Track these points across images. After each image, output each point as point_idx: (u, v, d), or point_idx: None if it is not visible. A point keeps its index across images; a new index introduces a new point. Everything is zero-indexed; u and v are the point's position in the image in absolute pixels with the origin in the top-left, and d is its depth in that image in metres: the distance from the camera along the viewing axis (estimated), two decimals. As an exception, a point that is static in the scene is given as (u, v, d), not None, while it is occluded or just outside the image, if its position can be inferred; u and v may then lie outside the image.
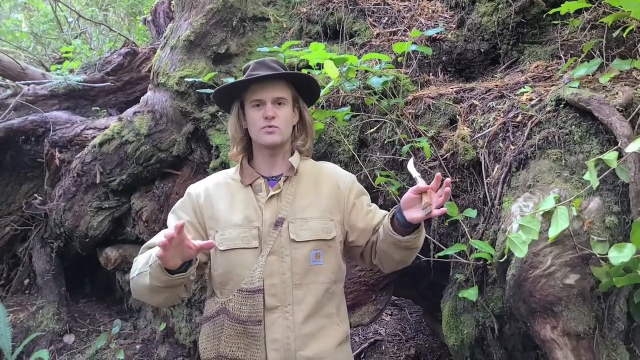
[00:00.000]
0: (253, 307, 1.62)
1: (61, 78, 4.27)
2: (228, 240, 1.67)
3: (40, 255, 4.22)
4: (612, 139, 1.72)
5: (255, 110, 1.71)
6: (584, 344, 1.60)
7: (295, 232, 1.68)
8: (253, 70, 1.73)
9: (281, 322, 1.65)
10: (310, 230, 1.69)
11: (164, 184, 3.58)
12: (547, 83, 2.22)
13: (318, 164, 1.88)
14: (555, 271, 1.60)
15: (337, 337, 1.74)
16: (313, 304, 1.68)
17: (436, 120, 2.40)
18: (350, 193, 1.79)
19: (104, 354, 3.79)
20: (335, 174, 1.83)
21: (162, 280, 1.51)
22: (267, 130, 1.68)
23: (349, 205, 1.78)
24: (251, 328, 1.62)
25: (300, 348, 1.65)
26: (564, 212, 1.58)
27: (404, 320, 4.35)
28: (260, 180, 1.74)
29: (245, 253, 1.66)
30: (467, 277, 2.08)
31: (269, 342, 1.64)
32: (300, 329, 1.66)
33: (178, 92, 3.24)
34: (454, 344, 2.13)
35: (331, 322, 1.73)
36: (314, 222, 1.70)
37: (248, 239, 1.67)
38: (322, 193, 1.76)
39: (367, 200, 1.86)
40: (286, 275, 1.66)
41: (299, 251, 1.67)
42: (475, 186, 2.20)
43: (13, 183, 4.26)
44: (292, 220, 1.69)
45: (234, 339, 1.64)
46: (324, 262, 1.70)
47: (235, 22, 3.34)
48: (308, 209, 1.72)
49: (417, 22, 3.01)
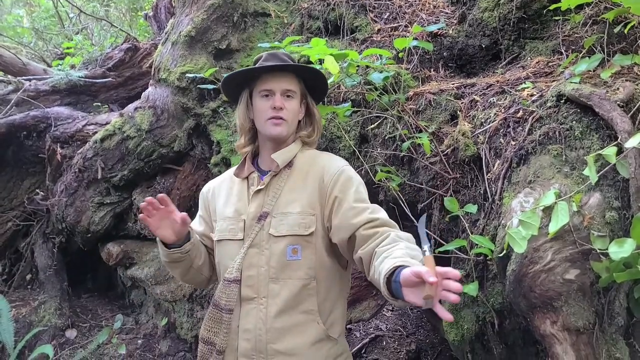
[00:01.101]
0: (229, 296, 1.68)
1: (62, 74, 4.28)
2: (220, 231, 1.78)
3: (42, 250, 4.24)
4: (612, 134, 1.72)
5: (264, 100, 1.72)
6: (584, 339, 1.61)
7: (275, 227, 1.69)
8: (265, 60, 1.74)
9: (255, 314, 1.68)
10: (288, 226, 1.68)
11: (165, 180, 3.59)
12: (548, 79, 2.22)
13: (316, 154, 1.84)
14: (556, 266, 1.60)
15: (314, 334, 1.69)
16: (288, 298, 1.66)
17: (437, 116, 2.39)
18: (335, 186, 1.68)
19: (105, 348, 3.81)
20: (324, 167, 1.74)
21: (163, 253, 1.76)
22: (274, 121, 1.70)
23: (330, 199, 1.68)
24: (225, 316, 1.69)
25: (271, 341, 1.65)
26: (564, 207, 1.58)
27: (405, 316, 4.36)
28: (254, 174, 1.79)
29: (231, 244, 1.74)
30: (467, 272, 2.08)
31: (241, 331, 1.69)
32: (272, 322, 1.66)
33: (179, 87, 3.24)
34: (454, 339, 2.14)
35: (309, 319, 1.69)
36: (293, 217, 1.68)
37: (235, 230, 1.74)
38: (308, 187, 1.72)
39: (358, 195, 1.69)
40: (263, 268, 1.68)
41: (276, 245, 1.68)
42: (476, 182, 2.20)
43: (15, 178, 4.27)
44: (275, 214, 1.70)
45: (209, 323, 1.73)
46: (302, 258, 1.67)
47: (236, 18, 3.33)
48: (291, 204, 1.70)
49: (418, 17, 3.00)
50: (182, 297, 3.58)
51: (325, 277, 1.73)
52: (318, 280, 1.70)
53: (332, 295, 1.76)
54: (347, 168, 1.76)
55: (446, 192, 2.24)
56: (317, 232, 1.68)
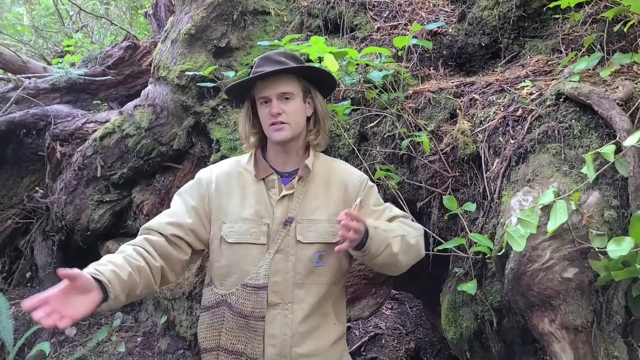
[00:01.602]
0: (257, 302, 1.64)
1: (62, 72, 4.28)
2: (237, 233, 1.68)
3: (42, 248, 4.23)
4: (612, 133, 1.72)
5: (264, 107, 1.70)
6: (582, 337, 1.61)
7: (302, 233, 1.69)
8: (257, 67, 1.71)
9: (280, 319, 1.67)
10: (317, 233, 1.70)
11: (165, 178, 3.59)
12: (547, 77, 2.22)
13: (330, 162, 1.86)
14: (554, 265, 1.61)
15: (333, 335, 1.76)
16: (313, 303, 1.70)
17: (436, 115, 2.39)
18: (359, 194, 1.77)
19: (105, 346, 3.81)
20: (345, 176, 1.81)
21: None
22: (275, 127, 1.68)
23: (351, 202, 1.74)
24: (253, 323, 1.65)
25: (296, 345, 1.67)
26: (563, 206, 1.58)
27: (404, 314, 4.36)
28: (273, 176, 1.73)
29: (252, 248, 1.67)
30: (466, 270, 2.09)
31: (267, 337, 1.66)
32: (298, 327, 1.68)
33: (179, 85, 3.24)
34: (453, 338, 2.14)
35: (327, 320, 1.75)
36: (321, 225, 1.71)
37: (257, 234, 1.67)
38: (332, 195, 1.75)
39: (375, 200, 1.83)
40: (289, 274, 1.68)
41: (303, 252, 1.69)
42: (475, 180, 2.20)
43: (15, 176, 4.27)
44: (300, 220, 1.70)
45: (236, 332, 1.67)
46: (326, 264, 1.72)
47: (236, 16, 3.33)
48: (317, 211, 1.72)
49: (418, 16, 3.00)
50: (182, 295, 3.58)
51: (340, 279, 1.81)
52: (336, 284, 1.78)
53: (341, 295, 1.85)
54: (365, 176, 1.85)
55: (445, 190, 2.25)
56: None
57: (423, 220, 2.37)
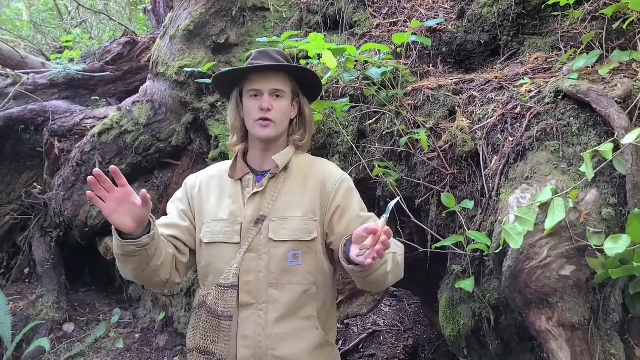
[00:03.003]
0: (226, 302, 1.63)
1: (61, 67, 4.27)
2: (212, 233, 1.68)
3: (40, 244, 4.24)
4: (610, 131, 1.71)
5: (252, 100, 1.68)
6: (579, 334, 1.61)
7: (274, 231, 1.66)
8: (254, 59, 1.71)
9: (254, 320, 1.66)
10: (290, 230, 1.66)
11: (163, 174, 3.59)
12: (546, 75, 2.21)
13: (312, 160, 1.84)
14: (551, 262, 1.60)
15: (314, 341, 1.71)
16: (288, 304, 1.66)
17: (435, 112, 2.39)
18: (337, 194, 1.72)
19: (103, 342, 3.82)
20: (324, 173, 1.77)
21: (116, 244, 1.50)
22: (261, 123, 1.66)
23: (332, 207, 1.72)
24: (224, 323, 1.63)
25: (272, 347, 1.65)
26: (561, 203, 1.58)
27: (403, 311, 4.37)
28: (249, 176, 1.73)
29: (225, 247, 1.66)
30: (464, 268, 2.09)
31: (240, 338, 1.65)
32: (272, 328, 1.65)
33: (177, 82, 3.24)
34: (451, 335, 2.14)
35: (310, 325, 1.71)
36: (295, 222, 1.67)
37: (230, 234, 1.67)
38: (308, 192, 1.72)
39: (361, 205, 1.78)
40: (262, 273, 1.66)
41: (276, 250, 1.66)
42: (474, 177, 2.20)
43: (13, 172, 4.27)
44: (274, 218, 1.67)
45: (209, 332, 1.65)
46: (302, 263, 1.67)
47: (235, 12, 3.33)
48: (291, 208, 1.69)
49: (418, 12, 2.99)
50: (180, 291, 3.58)
51: (324, 283, 1.75)
52: (317, 286, 1.72)
53: (329, 302, 1.80)
54: (347, 177, 1.80)
55: (444, 187, 2.24)
56: (317, 238, 1.70)
57: (421, 217, 2.37)
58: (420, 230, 2.41)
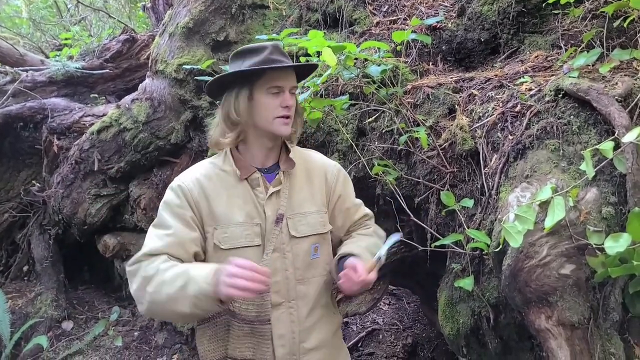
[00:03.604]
0: (261, 306, 1.62)
1: (60, 65, 4.26)
2: (231, 238, 1.61)
3: (39, 242, 4.23)
4: (610, 129, 1.70)
5: (272, 97, 1.61)
6: (579, 334, 1.60)
7: (295, 228, 1.67)
8: (272, 54, 1.61)
9: (286, 318, 1.66)
10: (309, 226, 1.69)
11: (162, 172, 3.58)
12: (546, 73, 2.21)
13: (304, 152, 1.85)
14: (551, 261, 1.60)
15: (334, 325, 1.80)
16: (314, 297, 1.71)
17: (435, 110, 2.38)
18: (337, 184, 1.79)
19: (102, 340, 3.82)
20: (322, 165, 1.82)
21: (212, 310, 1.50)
22: (284, 120, 1.63)
23: (334, 197, 1.79)
24: (260, 327, 1.62)
25: (303, 340, 1.68)
26: (561, 202, 1.57)
27: (402, 310, 4.37)
28: (256, 175, 1.67)
29: (247, 251, 1.61)
30: (463, 266, 2.08)
31: (276, 338, 1.64)
32: (304, 323, 1.68)
33: (176, 79, 3.23)
34: (450, 333, 2.14)
35: (328, 311, 1.77)
36: (312, 217, 1.71)
37: (251, 237, 1.63)
38: (315, 186, 1.75)
39: (354, 193, 1.88)
40: (289, 271, 1.66)
41: (299, 247, 1.67)
42: (473, 176, 2.19)
43: (11, 170, 4.26)
44: (291, 215, 1.67)
45: (243, 340, 1.63)
46: (320, 255, 1.72)
47: (235, 10, 3.32)
48: (305, 204, 1.71)
49: (418, 10, 2.98)
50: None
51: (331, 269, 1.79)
52: (330, 273, 1.77)
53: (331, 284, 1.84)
54: (340, 166, 1.87)
55: (443, 186, 2.24)
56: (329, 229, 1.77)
57: (421, 216, 2.37)
58: (419, 229, 2.40)
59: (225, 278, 1.36)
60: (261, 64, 1.58)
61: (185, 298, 1.42)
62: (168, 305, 1.45)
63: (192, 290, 1.40)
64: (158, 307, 1.50)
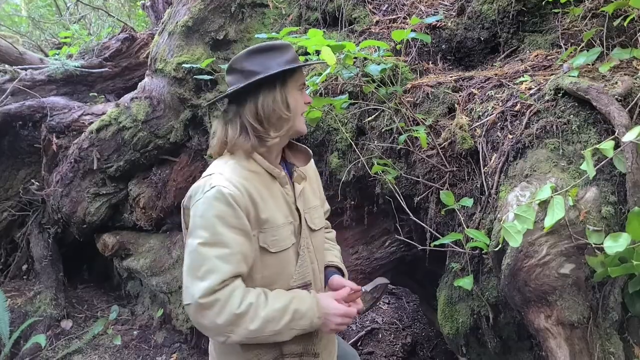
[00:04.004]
0: None
1: (59, 63, 4.25)
2: (280, 241, 1.58)
3: (38, 240, 4.23)
4: (610, 128, 1.70)
5: (300, 94, 1.61)
6: (578, 333, 1.60)
7: (312, 222, 1.72)
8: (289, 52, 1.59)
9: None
10: (319, 218, 1.78)
11: (162, 171, 3.57)
12: (546, 72, 2.20)
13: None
14: (551, 260, 1.60)
15: None
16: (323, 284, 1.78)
17: (434, 109, 2.38)
18: (318, 177, 1.90)
19: (101, 339, 3.81)
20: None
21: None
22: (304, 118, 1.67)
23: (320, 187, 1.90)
24: None
25: None
26: (560, 201, 1.57)
27: (401, 309, 4.36)
28: (283, 173, 1.65)
29: (291, 251, 1.63)
30: (463, 266, 2.08)
31: None
32: None
33: (176, 78, 3.22)
34: (449, 333, 2.14)
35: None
36: (318, 210, 1.79)
37: (291, 237, 1.63)
38: (313, 180, 1.83)
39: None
40: (314, 264, 1.71)
41: (317, 239, 1.74)
42: (473, 175, 2.19)
43: (11, 168, 4.26)
44: (306, 210, 1.71)
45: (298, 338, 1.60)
46: None
47: (234, 8, 3.31)
48: (312, 197, 1.76)
49: (417, 9, 2.98)
50: (178, 288, 3.57)
51: None
52: None
53: None
54: None
55: (443, 185, 2.24)
56: None
57: (420, 215, 2.36)
58: (419, 228, 2.40)
59: (337, 319, 1.57)
60: (292, 61, 1.56)
61: (291, 330, 1.52)
62: (271, 338, 1.50)
63: (302, 325, 1.53)
64: (257, 339, 1.50)
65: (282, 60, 1.56)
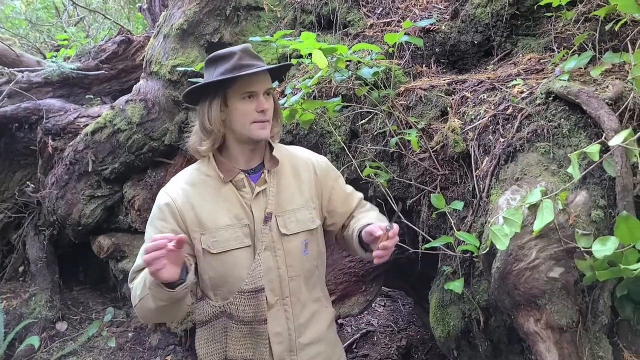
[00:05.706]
0: (257, 306, 1.63)
1: (55, 66, 4.26)
2: (221, 242, 1.61)
3: (34, 242, 4.23)
4: (600, 132, 1.70)
5: (247, 102, 1.60)
6: (567, 337, 1.60)
7: (285, 226, 1.68)
8: (241, 59, 1.59)
9: (281, 316, 1.68)
10: (298, 222, 1.70)
11: (156, 173, 3.58)
12: (539, 75, 2.21)
13: (288, 148, 1.86)
14: (540, 264, 1.60)
15: (328, 319, 1.83)
16: (306, 292, 1.73)
17: (427, 112, 2.38)
18: (328, 177, 1.82)
19: (96, 341, 3.81)
20: (310, 160, 1.82)
21: (166, 298, 1.44)
22: (260, 125, 1.61)
23: (327, 190, 1.81)
24: (257, 327, 1.65)
25: (299, 336, 1.71)
26: (549, 205, 1.57)
27: (397, 312, 4.36)
28: (241, 176, 1.66)
29: (239, 253, 1.63)
30: (454, 269, 2.08)
31: (272, 336, 1.67)
32: (298, 319, 1.71)
33: (170, 80, 3.23)
34: (441, 336, 2.13)
35: (321, 305, 1.81)
36: (301, 213, 1.71)
37: (240, 238, 1.63)
38: (303, 182, 1.76)
39: (343, 181, 1.91)
40: (281, 269, 1.67)
41: (290, 244, 1.68)
42: (465, 178, 2.19)
43: (6, 170, 4.27)
44: (280, 213, 1.68)
45: (242, 340, 1.66)
46: (309, 251, 1.74)
47: (229, 11, 3.32)
48: (293, 200, 1.72)
49: (412, 13, 2.98)
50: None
51: (322, 264, 1.85)
52: (319, 268, 1.81)
53: (324, 278, 1.90)
54: (325, 158, 1.90)
55: (435, 188, 2.24)
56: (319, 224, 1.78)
57: (413, 218, 2.36)
58: (411, 231, 2.40)
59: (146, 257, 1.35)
60: (231, 70, 1.56)
61: (147, 294, 1.48)
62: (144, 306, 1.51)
63: (148, 283, 1.46)
64: (141, 312, 1.56)
65: (223, 69, 1.58)
